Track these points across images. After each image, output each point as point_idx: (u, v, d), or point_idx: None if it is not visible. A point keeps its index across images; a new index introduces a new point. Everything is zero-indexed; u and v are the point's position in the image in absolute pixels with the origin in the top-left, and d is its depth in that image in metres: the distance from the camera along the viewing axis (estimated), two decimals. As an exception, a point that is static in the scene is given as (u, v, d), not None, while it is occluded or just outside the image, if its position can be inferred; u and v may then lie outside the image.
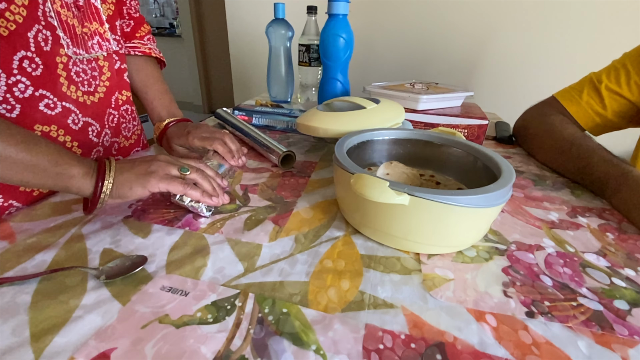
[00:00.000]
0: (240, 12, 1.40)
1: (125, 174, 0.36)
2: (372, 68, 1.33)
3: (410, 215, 0.32)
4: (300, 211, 0.43)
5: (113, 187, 0.35)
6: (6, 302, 0.27)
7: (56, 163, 0.33)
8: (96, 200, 0.35)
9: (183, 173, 0.38)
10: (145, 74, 0.61)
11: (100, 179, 0.34)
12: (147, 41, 0.61)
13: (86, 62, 0.47)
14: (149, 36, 0.62)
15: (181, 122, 0.56)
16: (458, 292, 0.30)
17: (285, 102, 0.97)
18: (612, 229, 0.41)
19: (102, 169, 0.35)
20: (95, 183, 0.34)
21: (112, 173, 0.35)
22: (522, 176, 0.56)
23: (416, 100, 0.65)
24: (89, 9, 0.47)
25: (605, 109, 0.62)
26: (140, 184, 0.36)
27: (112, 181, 0.35)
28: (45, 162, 0.32)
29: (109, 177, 0.35)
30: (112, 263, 0.32)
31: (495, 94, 1.25)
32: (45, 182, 0.33)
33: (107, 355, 0.23)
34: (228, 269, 0.32)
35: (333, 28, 0.68)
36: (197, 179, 0.39)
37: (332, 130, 0.51)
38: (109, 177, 0.35)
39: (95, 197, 0.34)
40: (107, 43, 0.51)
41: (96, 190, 0.34)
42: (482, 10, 1.15)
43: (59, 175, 0.33)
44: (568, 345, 0.26)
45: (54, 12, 0.41)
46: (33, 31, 0.39)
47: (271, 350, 0.24)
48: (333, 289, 0.30)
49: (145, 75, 0.61)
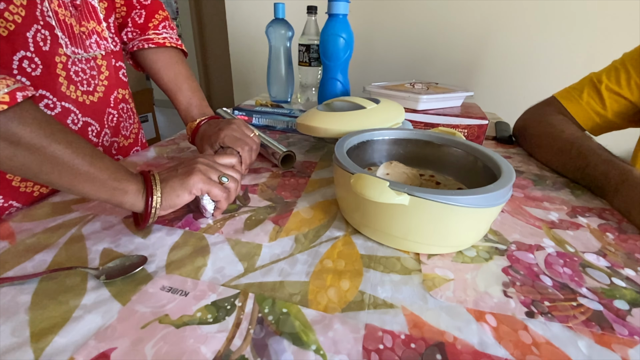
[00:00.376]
0: (240, 12, 1.40)
1: (170, 183, 0.36)
2: (372, 68, 1.33)
3: (410, 215, 0.32)
4: (300, 211, 0.43)
5: (162, 199, 0.35)
6: (6, 302, 0.27)
7: (115, 178, 0.33)
8: (148, 215, 0.35)
9: (222, 182, 0.39)
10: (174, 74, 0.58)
11: (149, 194, 0.34)
12: (161, 30, 0.58)
13: (85, 61, 0.47)
14: (164, 23, 0.59)
15: (213, 120, 0.55)
16: (458, 292, 0.30)
17: (285, 102, 0.97)
18: (612, 229, 0.41)
19: (149, 184, 0.35)
20: (145, 199, 0.35)
21: (158, 187, 0.35)
22: (522, 176, 0.56)
23: (416, 100, 0.65)
24: (86, 8, 0.47)
25: (605, 109, 0.62)
26: (186, 189, 0.36)
27: (159, 195, 0.35)
28: (106, 176, 0.33)
29: (157, 192, 0.35)
30: (112, 263, 0.32)
31: (495, 94, 1.25)
32: (101, 195, 0.33)
33: (107, 355, 0.23)
34: (228, 269, 0.32)
35: (333, 28, 0.68)
36: (232, 188, 0.40)
37: (332, 130, 0.51)
38: (157, 191, 0.35)
39: (147, 213, 0.35)
40: (105, 42, 0.50)
41: (147, 206, 0.35)
42: (482, 10, 1.15)
43: (115, 191, 0.33)
44: (568, 345, 0.26)
45: (51, 12, 0.41)
46: (32, 31, 0.39)
47: (271, 350, 0.24)
48: (333, 289, 0.30)
49: (174, 75, 0.58)
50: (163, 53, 0.58)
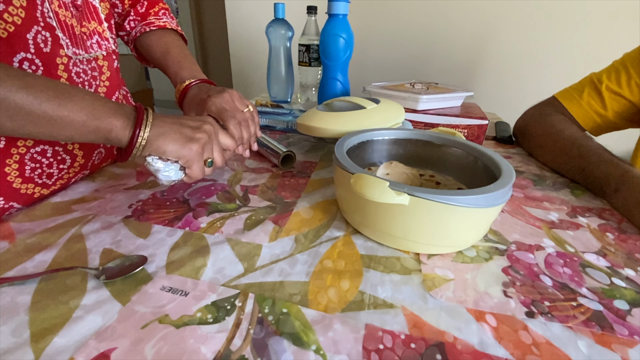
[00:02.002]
0: (240, 12, 1.40)
1: (165, 128, 0.34)
2: (372, 68, 1.33)
3: (410, 215, 0.32)
4: (300, 211, 0.43)
5: (152, 138, 0.34)
6: (6, 302, 0.27)
7: (95, 116, 0.32)
8: (131, 148, 0.33)
9: (208, 167, 0.38)
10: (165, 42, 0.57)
11: (138, 127, 0.33)
12: (162, 16, 0.59)
13: (86, 62, 0.47)
14: (164, 11, 0.60)
15: (204, 84, 0.50)
16: (458, 292, 0.30)
17: (285, 102, 0.96)
18: (612, 229, 0.41)
19: (140, 118, 0.34)
20: (132, 133, 0.33)
21: (149, 123, 0.34)
22: (522, 176, 0.56)
23: (416, 100, 0.65)
24: (87, 8, 0.46)
25: (605, 109, 0.62)
26: (181, 144, 0.35)
27: (148, 132, 0.34)
28: (84, 117, 0.32)
29: (145, 128, 0.34)
30: (112, 263, 0.32)
31: (495, 94, 1.25)
32: (88, 137, 0.33)
33: (107, 355, 0.23)
34: (228, 269, 0.32)
35: (333, 28, 0.68)
36: (208, 172, 0.39)
37: (332, 130, 0.51)
38: (146, 127, 0.34)
39: (131, 146, 0.33)
40: (107, 42, 0.50)
41: (132, 140, 0.33)
42: (482, 10, 1.15)
43: (99, 130, 0.32)
44: (568, 345, 0.26)
45: (52, 13, 0.41)
46: (32, 32, 0.39)
47: (271, 350, 0.24)
48: (333, 289, 0.30)
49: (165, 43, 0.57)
50: (163, 34, 0.58)
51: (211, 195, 0.45)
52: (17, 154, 0.40)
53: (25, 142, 0.40)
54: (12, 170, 0.40)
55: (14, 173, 0.40)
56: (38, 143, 0.42)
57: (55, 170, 0.44)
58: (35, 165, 0.42)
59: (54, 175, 0.44)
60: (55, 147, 0.43)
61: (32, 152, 0.41)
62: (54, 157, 0.43)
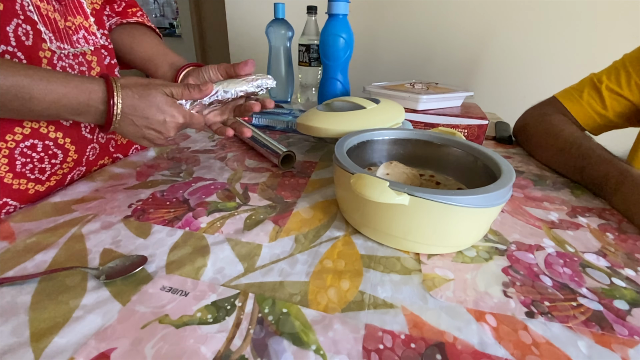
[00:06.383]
0: (240, 12, 1.40)
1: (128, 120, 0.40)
2: (372, 68, 1.33)
3: (410, 215, 0.32)
4: (300, 211, 0.43)
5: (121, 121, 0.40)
6: (6, 302, 0.27)
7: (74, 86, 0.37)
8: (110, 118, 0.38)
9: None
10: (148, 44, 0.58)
11: (110, 96, 0.38)
12: (140, 16, 0.60)
13: (72, 56, 0.46)
14: (141, 12, 0.61)
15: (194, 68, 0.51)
16: (458, 292, 0.30)
17: (285, 102, 0.97)
18: (612, 229, 0.41)
19: (109, 83, 0.38)
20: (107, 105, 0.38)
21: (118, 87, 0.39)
22: (522, 176, 0.56)
23: (416, 100, 0.65)
24: (71, 3, 0.46)
25: (606, 109, 0.62)
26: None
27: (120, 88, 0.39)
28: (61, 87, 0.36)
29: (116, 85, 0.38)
30: (112, 263, 0.32)
31: (495, 94, 1.25)
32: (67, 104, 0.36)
33: (107, 355, 0.23)
34: (228, 269, 0.32)
35: (333, 28, 0.68)
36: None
37: (332, 130, 0.51)
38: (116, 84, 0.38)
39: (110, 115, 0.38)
40: (94, 37, 0.50)
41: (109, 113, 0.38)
42: (482, 10, 1.15)
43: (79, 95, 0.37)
44: (568, 345, 0.26)
45: (33, 6, 0.41)
46: (12, 25, 0.38)
47: (271, 350, 0.24)
48: (333, 289, 0.30)
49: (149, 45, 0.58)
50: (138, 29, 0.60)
51: (211, 194, 0.45)
52: (6, 149, 0.40)
53: (14, 137, 0.41)
54: (2, 165, 0.40)
55: (4, 168, 0.40)
56: (27, 137, 0.42)
57: (48, 165, 0.44)
58: (26, 160, 0.42)
59: (46, 170, 0.44)
60: (45, 141, 0.43)
61: (21, 146, 0.41)
62: (45, 151, 0.44)
